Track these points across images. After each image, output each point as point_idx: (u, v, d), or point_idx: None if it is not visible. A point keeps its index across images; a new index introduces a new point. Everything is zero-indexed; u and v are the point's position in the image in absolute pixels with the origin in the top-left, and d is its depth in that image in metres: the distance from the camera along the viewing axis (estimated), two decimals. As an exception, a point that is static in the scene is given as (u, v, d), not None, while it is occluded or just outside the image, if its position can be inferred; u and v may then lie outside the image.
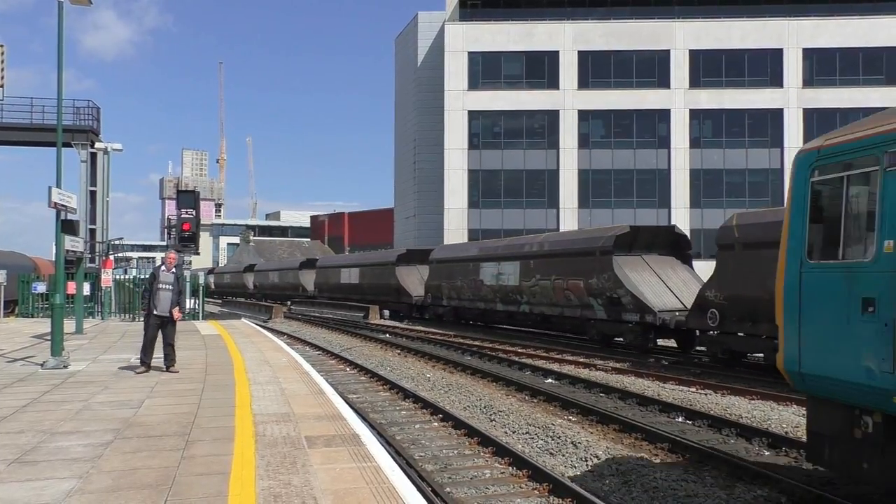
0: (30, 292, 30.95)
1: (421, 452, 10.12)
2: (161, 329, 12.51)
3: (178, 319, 12.68)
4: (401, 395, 14.85)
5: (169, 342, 12.64)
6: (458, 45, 51.43)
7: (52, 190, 14.06)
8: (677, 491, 8.07)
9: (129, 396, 10.30)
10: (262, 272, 70.11)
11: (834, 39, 48.25)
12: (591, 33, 50.43)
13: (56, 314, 14.09)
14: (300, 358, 15.70)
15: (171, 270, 12.55)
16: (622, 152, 50.17)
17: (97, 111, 35.14)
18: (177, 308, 12.47)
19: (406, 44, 61.72)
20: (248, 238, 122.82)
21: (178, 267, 13.01)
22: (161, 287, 12.35)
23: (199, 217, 25.13)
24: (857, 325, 6.02)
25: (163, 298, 12.33)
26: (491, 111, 51.42)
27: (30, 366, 13.79)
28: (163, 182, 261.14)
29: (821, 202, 6.83)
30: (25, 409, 9.29)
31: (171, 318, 12.45)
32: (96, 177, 34.63)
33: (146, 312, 12.66)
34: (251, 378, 12.17)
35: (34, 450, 7.16)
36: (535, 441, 10.74)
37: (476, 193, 51.17)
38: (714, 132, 50.16)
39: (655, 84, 49.97)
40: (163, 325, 12.49)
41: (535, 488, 8.38)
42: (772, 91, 48.80)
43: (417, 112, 58.27)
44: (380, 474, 6.33)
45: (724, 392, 14.66)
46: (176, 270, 12.74)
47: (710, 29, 49.50)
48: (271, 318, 41.36)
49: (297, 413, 9.08)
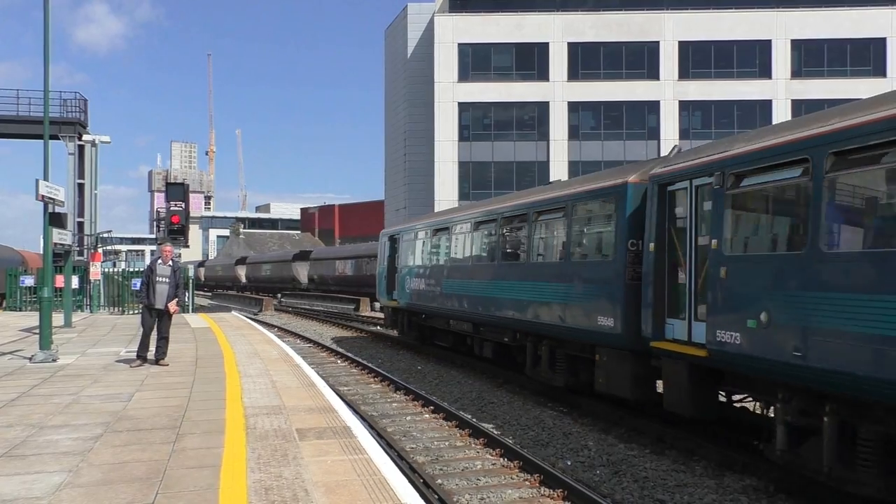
0: (17, 286, 30.75)
1: (412, 444, 10.15)
2: (157, 322, 12.41)
3: (174, 313, 12.56)
4: (392, 387, 14.87)
5: (163, 335, 12.54)
6: (448, 36, 51.28)
7: (39, 183, 13.93)
8: (667, 481, 8.13)
9: (118, 390, 10.26)
10: (254, 264, 69.96)
11: (822, 30, 48.38)
12: (581, 25, 50.37)
13: (44, 308, 14.00)
14: (291, 350, 15.67)
15: (167, 263, 12.40)
16: (612, 143, 50.21)
17: (84, 103, 34.85)
18: (174, 301, 12.35)
19: (396, 35, 61.50)
20: (238, 231, 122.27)
21: (174, 260, 12.86)
22: (159, 280, 12.23)
23: (188, 210, 24.97)
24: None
25: (160, 292, 12.22)
26: (481, 103, 51.34)
27: (18, 360, 13.70)
28: (152, 175, 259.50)
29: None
30: (14, 403, 9.24)
31: (167, 311, 12.34)
32: (84, 169, 34.38)
33: (143, 306, 12.56)
34: (242, 371, 12.14)
35: (23, 444, 7.12)
36: (527, 432, 10.78)
37: (466, 185, 51.11)
38: (703, 123, 50.25)
39: (645, 75, 50.00)
40: (159, 318, 12.39)
41: (527, 479, 8.42)
42: (760, 82, 48.94)
43: (407, 104, 58.12)
44: (371, 466, 6.34)
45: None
46: (173, 263, 12.60)
47: (698, 20, 49.53)
48: (262, 310, 41.29)
49: (288, 406, 9.07)
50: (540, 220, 13.23)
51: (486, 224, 15.81)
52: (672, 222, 9.49)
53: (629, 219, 10.33)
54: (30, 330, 19.48)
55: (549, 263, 12.92)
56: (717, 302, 8.22)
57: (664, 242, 9.51)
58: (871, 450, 6.64)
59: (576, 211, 11.97)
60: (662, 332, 9.45)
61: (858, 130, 6.61)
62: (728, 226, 8.22)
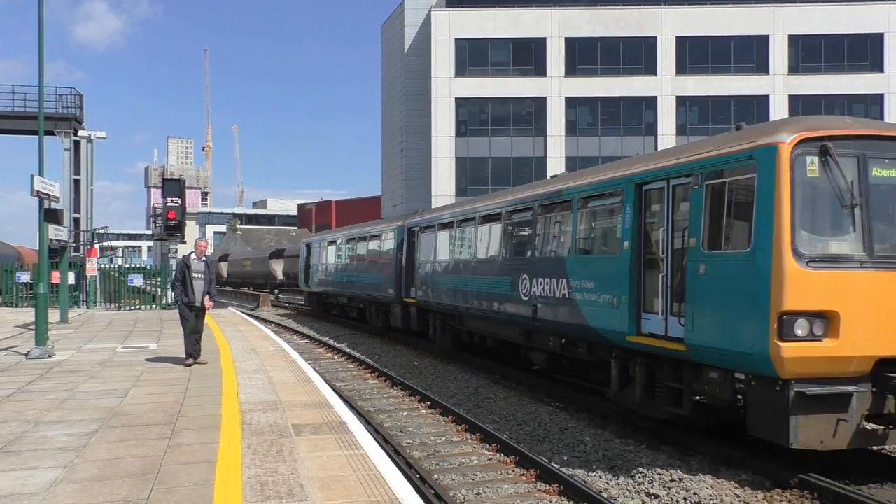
0: (13, 282, 30.67)
1: (409, 440, 10.15)
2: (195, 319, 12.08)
3: (209, 308, 12.28)
4: (389, 382, 14.87)
5: (199, 333, 12.23)
6: (445, 31, 51.15)
7: (34, 178, 13.91)
8: (663, 476, 8.13)
9: (114, 386, 10.25)
10: (235, 261, 71.76)
11: (819, 26, 48.31)
12: (578, 20, 50.26)
13: (40, 303, 13.97)
14: (287, 346, 15.67)
15: (201, 259, 12.11)
16: (609, 139, 50.13)
17: (80, 99, 34.77)
18: (207, 297, 12.04)
19: (392, 30, 61.33)
20: (235, 226, 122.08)
21: (207, 255, 12.46)
22: (195, 277, 11.88)
23: (184, 205, 24.98)
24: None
25: (197, 288, 11.88)
26: (478, 98, 51.22)
27: (14, 355, 13.68)
28: (148, 170, 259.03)
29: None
30: (9, 399, 9.23)
31: (202, 307, 12.05)
32: (80, 165, 34.32)
33: (180, 304, 12.07)
34: (238, 367, 12.13)
35: (18, 439, 7.11)
36: (523, 427, 10.78)
37: (464, 181, 51.03)
38: (700, 119, 50.19)
39: (642, 71, 49.91)
40: (196, 315, 12.06)
41: (523, 474, 8.43)
42: (758, 78, 48.89)
43: (404, 99, 57.98)
44: (367, 462, 6.34)
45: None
46: (207, 258, 12.32)
47: (696, 15, 49.44)
48: (259, 306, 41.25)
49: (285, 401, 9.07)
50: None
51: (352, 241, 27.02)
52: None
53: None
54: (26, 326, 19.44)
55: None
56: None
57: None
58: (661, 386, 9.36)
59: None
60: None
61: (650, 174, 9.62)
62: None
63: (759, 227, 7.60)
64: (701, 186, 8.47)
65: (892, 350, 7.43)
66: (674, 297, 8.93)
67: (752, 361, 7.57)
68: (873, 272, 7.47)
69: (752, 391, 7.86)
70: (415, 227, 20.14)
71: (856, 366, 7.38)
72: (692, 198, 8.61)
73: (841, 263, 7.50)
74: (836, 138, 7.68)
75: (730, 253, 8.04)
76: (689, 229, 8.60)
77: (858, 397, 7.37)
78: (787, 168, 7.47)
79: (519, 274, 13.19)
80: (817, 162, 7.60)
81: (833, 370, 7.35)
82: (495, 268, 14.45)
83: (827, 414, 7.34)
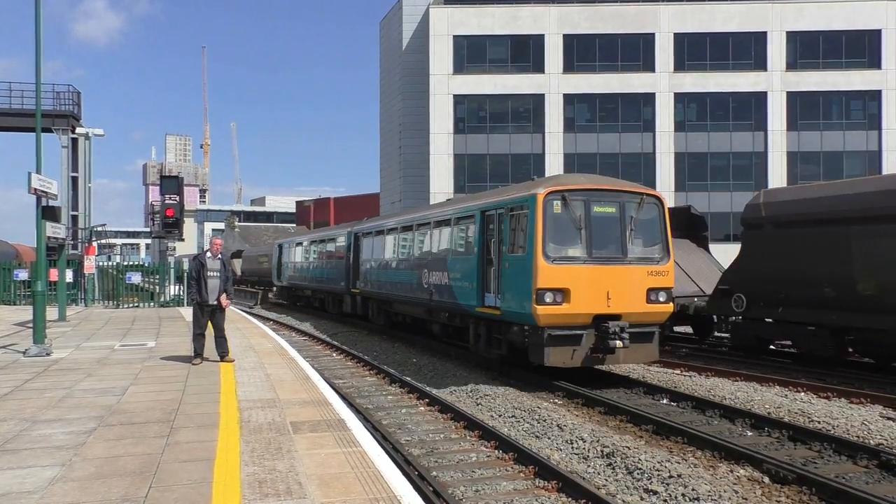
0: (11, 279, 30.65)
1: (407, 437, 10.15)
2: (211, 318, 12.01)
3: (226, 307, 12.14)
4: (387, 379, 14.87)
5: (221, 333, 12.12)
6: (443, 28, 51.08)
7: (31, 176, 13.87)
8: (661, 472, 8.14)
9: (113, 384, 10.24)
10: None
11: (817, 22, 48.31)
12: (576, 16, 50.20)
13: (38, 301, 13.95)
14: (286, 343, 15.67)
15: (217, 257, 12.00)
16: (607, 136, 50.13)
17: (77, 96, 34.68)
18: (224, 295, 11.95)
19: (391, 27, 61.24)
20: (233, 224, 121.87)
21: (222, 253, 12.34)
22: (210, 275, 11.81)
23: (182, 203, 24.93)
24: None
25: (212, 287, 11.80)
26: (476, 95, 51.17)
27: (12, 353, 13.66)
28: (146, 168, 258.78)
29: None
30: (7, 397, 9.22)
31: (220, 305, 11.96)
32: (78, 162, 34.25)
33: (196, 302, 11.95)
34: (236, 364, 12.13)
35: (16, 438, 7.10)
36: (521, 424, 10.79)
37: (462, 178, 51.00)
38: (699, 116, 50.19)
39: (640, 67, 49.89)
40: (212, 314, 11.98)
41: (521, 471, 8.43)
42: (756, 74, 48.87)
43: (402, 96, 57.92)
44: (365, 459, 6.33)
45: (737, 379, 14.75)
46: (222, 256, 12.20)
47: (694, 12, 49.41)
48: (257, 304, 41.25)
49: (283, 399, 9.06)
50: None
51: (315, 243, 32.21)
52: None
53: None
54: (24, 324, 19.43)
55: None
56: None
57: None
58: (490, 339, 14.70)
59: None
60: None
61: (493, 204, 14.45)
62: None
63: (529, 240, 12.59)
64: (507, 215, 13.58)
65: (603, 310, 12.43)
66: (498, 283, 13.73)
67: (527, 318, 12.62)
68: (591, 266, 12.53)
69: (529, 336, 12.87)
70: (359, 233, 25.22)
71: (582, 319, 12.48)
72: (504, 221, 13.70)
73: (572, 261, 12.52)
74: (571, 190, 12.79)
75: (518, 255, 13.01)
76: (503, 240, 13.68)
77: (586, 336, 12.55)
78: (541, 207, 12.53)
79: (422, 269, 18.13)
80: (560, 204, 12.67)
81: (569, 322, 12.42)
82: (409, 265, 19.48)
83: (567, 346, 12.53)
